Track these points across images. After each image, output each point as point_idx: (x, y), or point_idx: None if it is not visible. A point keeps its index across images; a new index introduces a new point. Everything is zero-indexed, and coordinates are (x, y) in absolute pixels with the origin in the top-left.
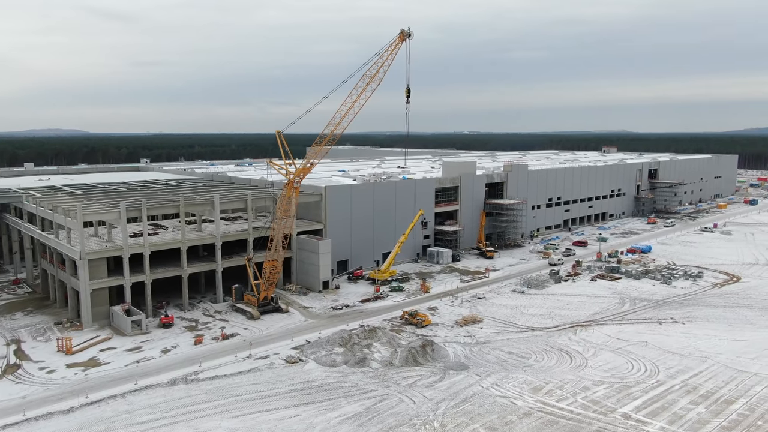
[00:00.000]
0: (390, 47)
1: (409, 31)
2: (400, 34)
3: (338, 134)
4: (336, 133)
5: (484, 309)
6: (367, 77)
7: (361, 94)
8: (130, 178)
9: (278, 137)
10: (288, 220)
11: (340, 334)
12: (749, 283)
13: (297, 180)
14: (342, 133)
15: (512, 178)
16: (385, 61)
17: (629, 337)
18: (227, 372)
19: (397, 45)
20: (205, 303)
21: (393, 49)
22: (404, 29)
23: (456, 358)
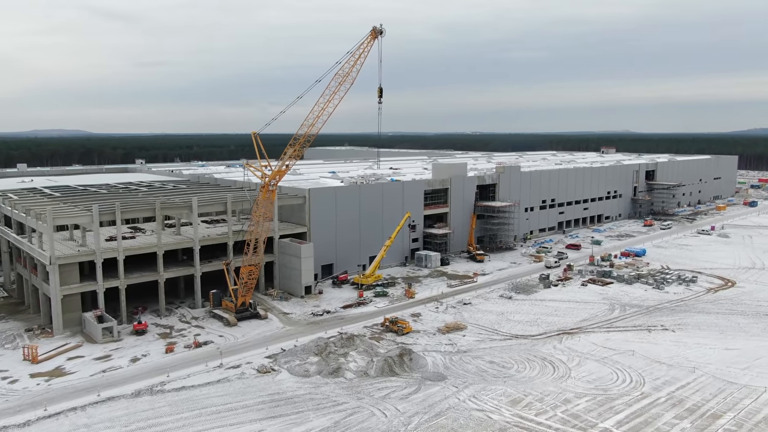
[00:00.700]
0: (362, 45)
1: (381, 29)
2: (371, 31)
3: (313, 135)
4: (311, 134)
5: (469, 315)
6: (339, 76)
7: (335, 94)
8: (116, 180)
9: (254, 138)
10: (265, 224)
11: (316, 341)
12: (744, 289)
13: (272, 183)
14: (317, 133)
15: (504, 180)
16: (358, 59)
17: (616, 346)
18: (195, 383)
19: (370, 43)
20: (183, 309)
21: (365, 47)
22: (376, 26)
23: (434, 368)
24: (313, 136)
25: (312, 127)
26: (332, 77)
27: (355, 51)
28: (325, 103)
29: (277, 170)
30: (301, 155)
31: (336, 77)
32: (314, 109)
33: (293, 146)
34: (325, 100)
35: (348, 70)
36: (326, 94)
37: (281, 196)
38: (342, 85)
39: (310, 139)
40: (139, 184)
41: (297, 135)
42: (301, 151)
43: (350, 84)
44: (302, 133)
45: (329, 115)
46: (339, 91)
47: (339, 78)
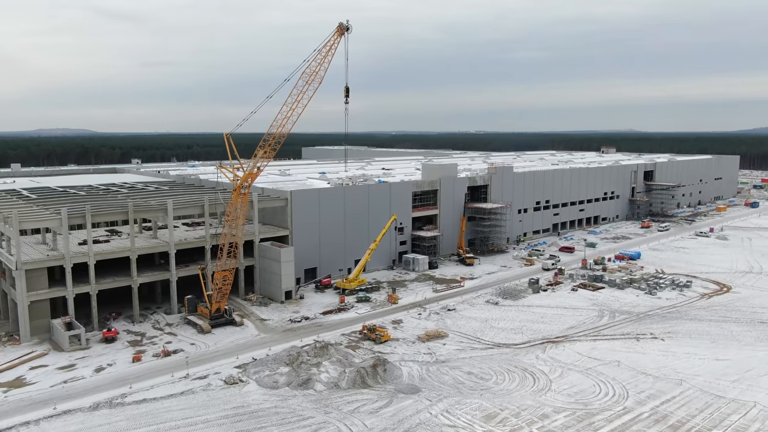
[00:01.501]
0: (328, 43)
1: (348, 25)
2: (338, 27)
3: (284, 135)
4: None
5: (452, 322)
6: (307, 75)
7: (303, 94)
8: (101, 181)
9: (226, 140)
10: (240, 228)
11: (289, 350)
12: (740, 294)
13: (244, 185)
14: (288, 134)
15: (496, 181)
16: (325, 57)
17: (602, 356)
18: (158, 395)
19: (336, 40)
20: (159, 314)
21: (332, 44)
22: (342, 22)
23: (410, 379)
24: (283, 137)
25: (282, 128)
26: (299, 76)
27: (321, 48)
28: (293, 103)
29: (249, 173)
30: (272, 156)
31: (303, 76)
32: (282, 109)
33: (263, 148)
34: (294, 100)
35: (315, 69)
36: (294, 93)
37: (262, 198)
38: (310, 84)
39: (280, 141)
40: (122, 185)
41: (267, 136)
42: (272, 153)
43: (319, 83)
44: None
45: (299, 115)
46: (308, 91)
47: (306, 77)
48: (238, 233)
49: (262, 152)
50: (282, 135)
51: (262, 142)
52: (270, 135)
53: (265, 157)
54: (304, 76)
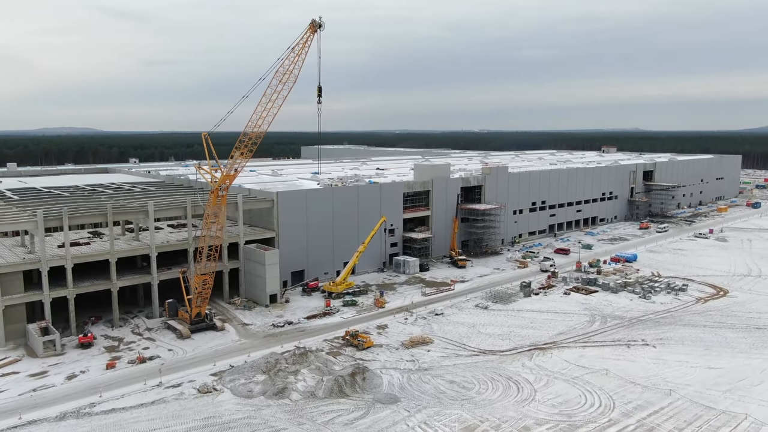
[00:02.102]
0: (301, 40)
1: (321, 22)
2: (310, 24)
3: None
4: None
5: (438, 327)
6: (280, 74)
7: (278, 93)
8: (90, 181)
9: (204, 141)
10: (218, 230)
11: (269, 357)
12: (736, 298)
13: (222, 187)
14: (264, 134)
15: (491, 181)
16: (298, 55)
17: (590, 364)
18: (128, 404)
19: (309, 37)
20: (140, 319)
21: (305, 42)
22: (315, 19)
23: (389, 388)
24: (260, 137)
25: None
26: (273, 75)
27: (294, 47)
28: (267, 103)
29: (226, 175)
30: (249, 157)
31: (277, 75)
32: (257, 109)
33: (239, 149)
34: (268, 99)
35: (289, 68)
36: (268, 93)
37: (247, 199)
38: (285, 83)
39: (257, 141)
40: (109, 186)
41: (242, 137)
42: (249, 154)
43: (293, 82)
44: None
45: (274, 115)
46: (282, 90)
47: (280, 76)
48: (219, 235)
49: (238, 153)
50: (258, 135)
51: (238, 143)
52: (246, 135)
53: (242, 158)
54: (277, 75)
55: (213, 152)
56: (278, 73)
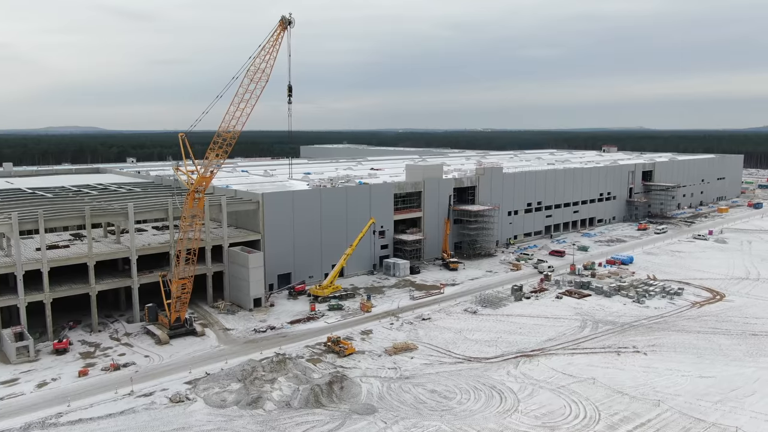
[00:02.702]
0: (271, 38)
1: (291, 18)
2: (280, 21)
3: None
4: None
5: (424, 333)
6: (251, 73)
7: (251, 93)
8: (79, 182)
9: (181, 142)
10: (196, 233)
11: (246, 364)
12: (733, 303)
13: (199, 189)
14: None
15: (484, 182)
16: (269, 53)
17: (578, 372)
18: (96, 414)
19: (279, 35)
20: (120, 323)
21: (276, 39)
22: (285, 15)
23: (368, 398)
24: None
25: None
26: (245, 74)
27: (265, 44)
28: (240, 103)
29: (201, 177)
30: (225, 157)
31: (248, 74)
32: (229, 109)
33: (214, 150)
34: (240, 99)
35: (260, 66)
36: (240, 92)
37: (232, 201)
38: (257, 83)
39: (231, 142)
40: (95, 186)
41: (216, 138)
42: (225, 155)
43: (266, 81)
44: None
45: (248, 116)
46: (255, 90)
47: (251, 75)
48: (196, 239)
49: (213, 155)
50: (233, 136)
51: (212, 144)
52: (219, 136)
53: (217, 160)
54: (249, 74)
55: (190, 153)
56: (249, 71)
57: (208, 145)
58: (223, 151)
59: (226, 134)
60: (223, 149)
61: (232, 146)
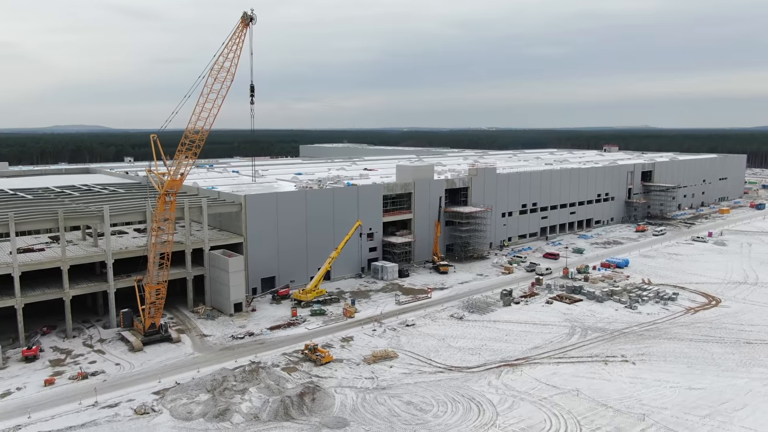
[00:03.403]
0: (234, 35)
1: (252, 14)
2: (242, 18)
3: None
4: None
5: (407, 340)
6: (215, 71)
7: (218, 93)
8: (65, 182)
9: (153, 143)
10: (168, 237)
11: (217, 373)
12: (729, 309)
13: (169, 193)
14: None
15: (477, 183)
16: (232, 52)
17: (562, 383)
18: (57, 426)
19: (242, 32)
20: (96, 328)
21: (239, 37)
22: (246, 11)
23: (340, 410)
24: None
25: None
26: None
27: (228, 42)
28: (205, 103)
29: (171, 179)
30: (194, 159)
31: (212, 72)
32: (195, 109)
33: (182, 151)
34: (205, 99)
35: (224, 65)
36: (204, 92)
37: (213, 203)
38: (223, 82)
39: (200, 144)
40: (80, 187)
41: (183, 140)
42: (194, 156)
43: (231, 80)
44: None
45: (215, 116)
46: (221, 90)
47: (215, 74)
48: (168, 243)
49: (182, 156)
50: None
51: (180, 145)
52: (186, 138)
53: (188, 161)
54: (213, 73)
55: (162, 154)
56: (213, 70)
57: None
58: (192, 153)
59: (193, 135)
60: (192, 151)
61: (201, 147)
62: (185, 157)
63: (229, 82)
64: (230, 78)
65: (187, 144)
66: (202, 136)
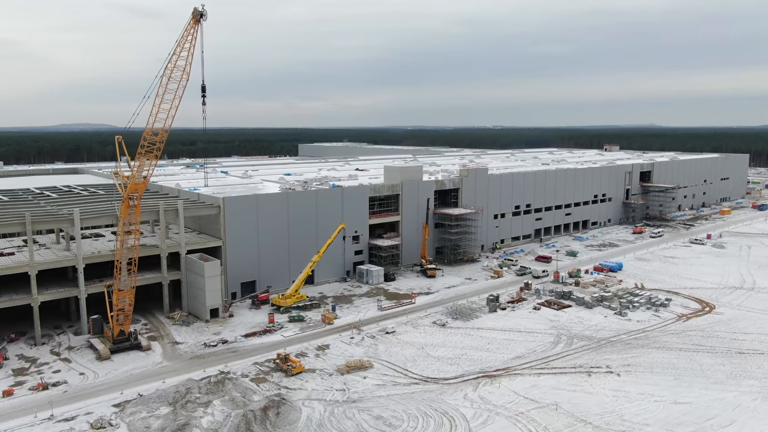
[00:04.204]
0: (186, 32)
1: (203, 10)
2: (192, 14)
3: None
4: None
5: (385, 349)
6: (168, 70)
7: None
8: (50, 183)
9: (117, 145)
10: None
11: (182, 385)
12: (722, 315)
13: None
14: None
15: (468, 184)
16: (183, 47)
17: (541, 396)
18: None
19: (193, 28)
20: (67, 335)
21: (190, 34)
22: (197, 7)
23: (306, 426)
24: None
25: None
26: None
27: (180, 40)
28: (160, 104)
29: (133, 183)
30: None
31: (166, 72)
32: (152, 110)
33: (141, 153)
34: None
35: (177, 63)
36: (159, 92)
37: (190, 206)
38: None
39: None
40: (61, 189)
41: (142, 141)
42: (154, 157)
43: (186, 79)
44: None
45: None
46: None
47: (168, 73)
48: (134, 247)
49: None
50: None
51: (140, 147)
52: (144, 140)
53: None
54: (166, 73)
55: (126, 155)
56: (167, 70)
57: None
58: (153, 156)
59: (152, 137)
60: (153, 153)
61: (161, 149)
62: (147, 160)
63: (185, 81)
64: (186, 77)
65: (146, 146)
66: (162, 137)
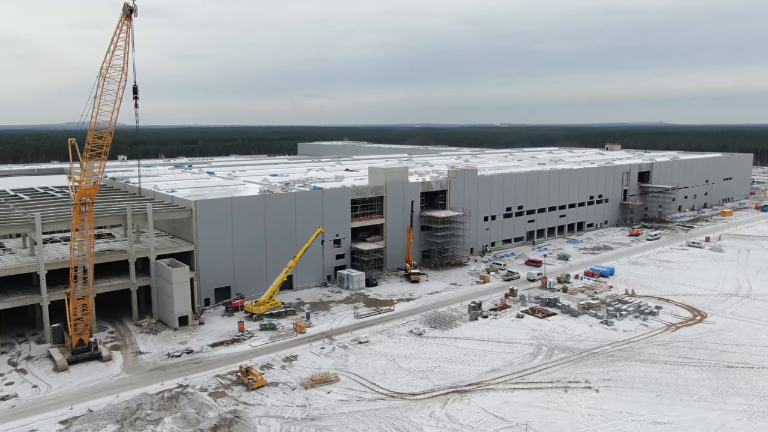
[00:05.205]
0: (119, 29)
1: (134, 6)
2: (123, 10)
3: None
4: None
5: (355, 360)
6: (104, 70)
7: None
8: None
9: (70, 147)
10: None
11: (133, 400)
12: (714, 325)
13: (85, 202)
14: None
15: (456, 186)
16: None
17: (512, 414)
18: None
19: (125, 25)
20: (30, 343)
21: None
22: (127, 2)
23: None
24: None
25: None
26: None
27: (114, 38)
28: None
29: (84, 189)
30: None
31: (102, 72)
32: (92, 112)
33: (85, 157)
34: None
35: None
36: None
37: (159, 209)
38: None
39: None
40: (37, 190)
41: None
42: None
43: (125, 79)
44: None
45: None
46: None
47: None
48: (87, 254)
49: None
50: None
51: (84, 152)
52: (88, 143)
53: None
54: (102, 72)
55: (80, 158)
56: (103, 69)
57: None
58: (101, 159)
59: (96, 141)
60: (100, 156)
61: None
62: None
63: (124, 81)
64: (125, 76)
65: (90, 150)
66: (107, 140)
